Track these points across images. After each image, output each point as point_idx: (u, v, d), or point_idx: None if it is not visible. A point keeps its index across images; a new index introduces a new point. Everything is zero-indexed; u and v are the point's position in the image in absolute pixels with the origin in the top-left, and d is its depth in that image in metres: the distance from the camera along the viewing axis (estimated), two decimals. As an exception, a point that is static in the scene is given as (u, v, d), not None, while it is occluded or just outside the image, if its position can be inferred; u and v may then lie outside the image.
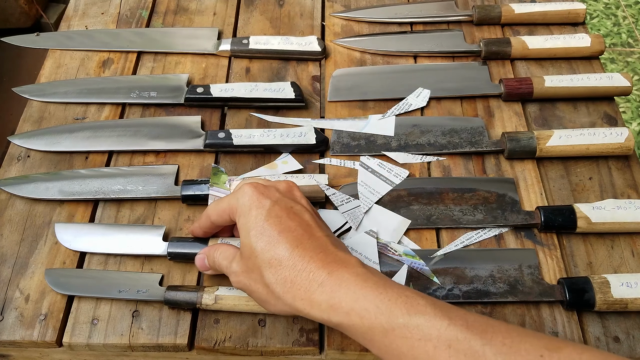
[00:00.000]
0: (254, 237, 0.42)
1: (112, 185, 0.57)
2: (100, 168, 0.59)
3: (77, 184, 0.57)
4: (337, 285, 0.39)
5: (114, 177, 0.58)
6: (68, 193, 0.57)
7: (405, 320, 0.36)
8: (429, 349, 0.35)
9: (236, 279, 0.44)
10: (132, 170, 0.59)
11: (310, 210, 0.45)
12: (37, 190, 0.57)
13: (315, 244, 0.41)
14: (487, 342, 0.34)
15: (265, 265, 0.41)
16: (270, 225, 0.42)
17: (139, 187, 0.57)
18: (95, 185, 0.57)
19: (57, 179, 0.58)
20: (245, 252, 0.43)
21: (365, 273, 0.39)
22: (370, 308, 0.37)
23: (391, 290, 0.38)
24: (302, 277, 0.40)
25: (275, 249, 0.41)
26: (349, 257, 0.41)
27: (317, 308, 0.39)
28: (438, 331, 0.35)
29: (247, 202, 0.43)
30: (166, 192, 0.57)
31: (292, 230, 0.41)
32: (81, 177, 0.58)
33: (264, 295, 0.42)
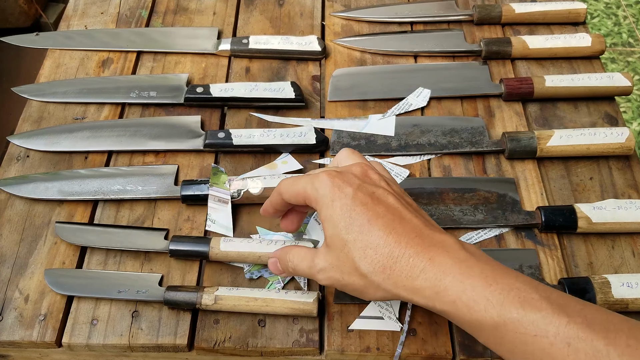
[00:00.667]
0: (344, 228, 0.40)
1: (111, 185, 0.57)
2: (100, 168, 0.59)
3: (76, 184, 0.57)
4: (441, 272, 0.37)
5: (114, 177, 0.58)
6: (67, 193, 0.57)
7: (520, 315, 0.35)
8: (545, 345, 0.34)
9: (325, 275, 0.43)
10: (131, 170, 0.59)
11: (392, 191, 0.43)
12: (36, 190, 0.57)
13: (408, 228, 0.40)
14: (611, 342, 0.33)
15: (360, 255, 0.40)
16: (358, 214, 0.40)
17: (138, 187, 0.57)
18: (95, 185, 0.57)
19: (57, 179, 0.58)
20: (336, 245, 0.41)
21: (469, 258, 0.38)
22: (480, 300, 0.36)
23: (501, 281, 0.36)
24: (401, 264, 0.38)
25: (368, 238, 0.39)
26: (446, 238, 0.39)
27: (420, 295, 0.38)
28: (556, 328, 0.34)
29: (329, 193, 0.41)
30: (166, 192, 0.57)
31: (381, 216, 0.40)
32: (80, 177, 0.58)
33: (360, 286, 0.41)
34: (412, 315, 0.50)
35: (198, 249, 0.52)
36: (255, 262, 0.52)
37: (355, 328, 0.49)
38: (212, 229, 0.55)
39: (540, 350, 0.34)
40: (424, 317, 0.50)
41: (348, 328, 0.49)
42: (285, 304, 0.48)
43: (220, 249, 0.51)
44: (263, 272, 0.52)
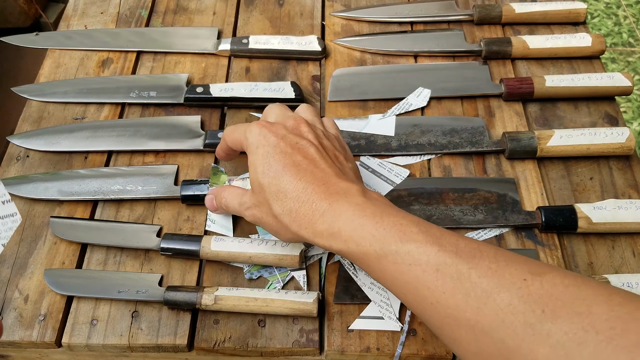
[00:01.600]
0: (261, 172, 0.44)
1: (111, 185, 0.57)
2: (100, 168, 0.59)
3: (76, 184, 0.57)
4: (337, 215, 0.41)
5: (113, 177, 0.58)
6: (67, 193, 0.57)
7: (398, 247, 0.38)
8: (419, 273, 0.37)
9: (250, 212, 0.47)
10: (131, 170, 0.59)
11: (316, 144, 0.46)
12: (36, 190, 0.57)
13: (318, 176, 0.43)
14: (474, 266, 0.36)
15: (273, 198, 0.43)
16: (275, 160, 0.44)
17: (138, 187, 0.57)
18: (95, 185, 0.57)
19: (56, 179, 0.58)
20: (255, 187, 0.45)
21: (364, 202, 0.41)
22: (366, 236, 0.39)
23: (387, 219, 0.40)
24: (305, 208, 0.42)
25: (280, 183, 0.43)
26: (350, 186, 0.43)
27: (319, 236, 0.42)
28: (427, 257, 0.37)
29: (255, 140, 0.45)
30: (165, 192, 0.57)
31: (296, 165, 0.43)
32: (80, 177, 0.58)
33: (275, 226, 0.45)
34: (412, 315, 0.50)
35: (189, 248, 0.52)
36: (246, 262, 0.52)
37: (355, 328, 0.49)
38: (212, 229, 0.55)
39: (414, 278, 0.37)
40: (424, 317, 0.50)
41: (348, 328, 0.49)
42: (285, 304, 0.48)
43: (211, 249, 0.51)
44: (263, 272, 0.52)
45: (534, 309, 0.32)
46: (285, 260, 0.51)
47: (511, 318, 0.33)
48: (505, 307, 0.33)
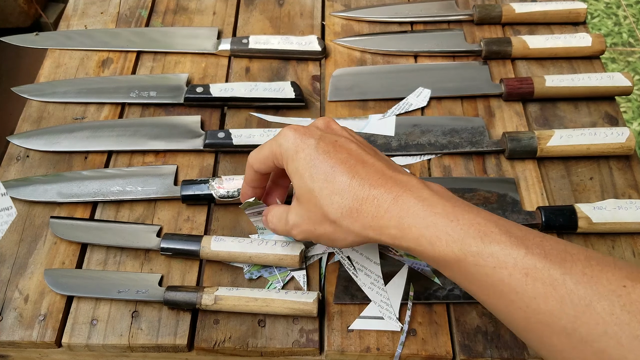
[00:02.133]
0: (309, 177, 0.41)
1: (110, 186, 0.57)
2: (99, 169, 0.59)
3: (75, 185, 0.57)
4: (404, 211, 0.38)
5: (113, 179, 0.58)
6: (67, 195, 0.57)
7: (479, 248, 0.36)
8: (504, 276, 0.35)
9: (298, 230, 0.44)
10: (131, 171, 0.59)
11: (355, 140, 0.44)
12: (35, 192, 0.57)
13: (371, 171, 0.40)
14: (567, 271, 0.33)
15: (327, 202, 0.40)
16: (321, 162, 0.41)
17: (138, 187, 0.57)
18: (94, 186, 0.57)
19: (56, 181, 0.58)
20: (304, 196, 0.42)
21: (431, 196, 0.39)
22: (442, 236, 0.37)
23: (462, 217, 0.37)
24: (367, 205, 0.39)
25: (333, 185, 0.40)
26: (409, 179, 0.40)
27: (386, 234, 0.39)
28: (514, 260, 0.35)
29: (292, 146, 0.42)
30: (165, 192, 0.57)
31: (344, 162, 0.41)
32: (80, 178, 0.58)
33: (332, 233, 0.42)
34: (412, 315, 0.50)
35: (189, 248, 0.52)
36: (246, 262, 0.52)
37: (355, 328, 0.49)
38: (264, 237, 0.54)
39: (500, 281, 0.35)
40: (424, 317, 0.50)
41: (348, 328, 0.49)
42: (285, 304, 0.48)
43: (211, 249, 0.51)
44: (263, 272, 0.52)
45: (639, 319, 0.31)
46: (285, 260, 0.51)
47: (615, 329, 0.31)
48: (608, 316, 0.32)
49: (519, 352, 0.48)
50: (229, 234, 0.54)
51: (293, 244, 0.51)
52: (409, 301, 0.50)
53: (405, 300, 0.50)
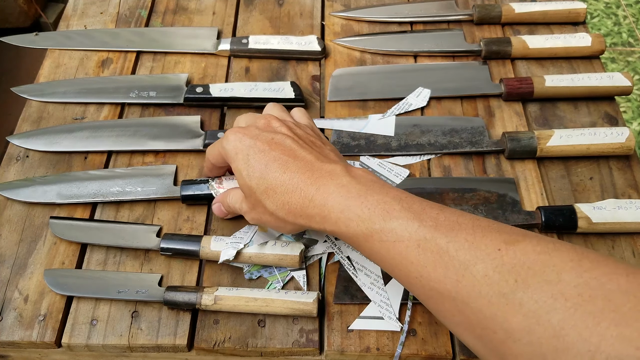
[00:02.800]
0: (247, 176, 0.45)
1: (110, 187, 0.57)
2: (98, 170, 0.59)
3: (75, 186, 0.57)
4: (325, 199, 0.42)
5: (112, 179, 0.58)
6: (66, 196, 0.57)
7: (382, 225, 0.39)
8: (402, 249, 0.38)
9: (249, 216, 0.48)
10: (130, 171, 0.59)
11: (292, 134, 0.47)
12: (34, 194, 0.57)
13: (300, 164, 0.44)
14: (452, 239, 0.37)
15: (264, 196, 0.44)
16: (256, 161, 0.45)
17: (137, 188, 0.57)
18: (94, 187, 0.57)
19: (55, 182, 0.58)
20: (246, 192, 0.46)
21: (350, 182, 0.42)
22: (353, 217, 0.40)
23: (371, 197, 0.40)
24: (295, 198, 0.43)
25: (267, 181, 0.44)
26: (334, 167, 0.43)
27: (313, 221, 0.43)
28: (409, 233, 0.38)
29: (232, 148, 0.46)
30: (165, 192, 0.57)
31: (276, 159, 0.44)
32: (79, 179, 0.58)
33: (274, 222, 0.46)
34: (412, 315, 0.50)
35: (188, 248, 0.52)
36: (246, 262, 0.52)
37: (355, 328, 0.49)
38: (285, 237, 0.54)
39: (399, 254, 0.38)
40: (424, 317, 0.50)
41: (348, 328, 0.49)
42: (285, 304, 0.48)
43: (211, 249, 0.51)
44: (263, 272, 0.52)
45: (507, 279, 0.34)
46: (285, 260, 0.51)
47: (487, 289, 0.34)
48: (482, 278, 0.35)
49: (518, 352, 0.48)
50: (229, 234, 0.54)
51: (293, 244, 0.51)
52: (408, 301, 0.50)
53: (405, 300, 0.50)
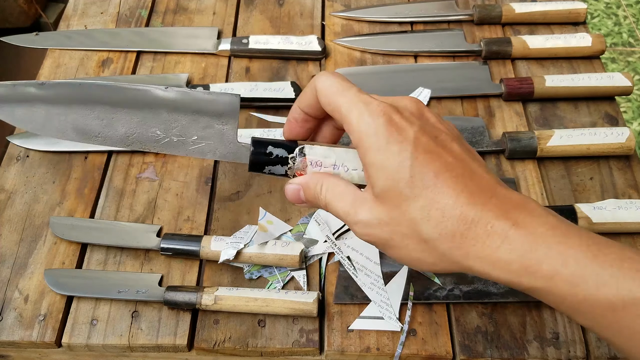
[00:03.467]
0: (403, 181, 0.32)
1: (149, 128, 0.39)
2: (131, 84, 0.40)
3: (97, 122, 0.39)
4: (531, 241, 0.30)
5: (157, 110, 0.39)
6: (87, 134, 0.39)
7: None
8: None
9: (366, 231, 0.34)
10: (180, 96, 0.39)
11: (454, 135, 0.35)
12: (49, 123, 0.39)
13: (481, 185, 0.32)
14: None
15: (423, 216, 0.32)
16: (422, 165, 0.32)
17: (191, 137, 0.40)
18: (124, 127, 0.39)
19: (71, 111, 0.39)
20: (390, 200, 0.33)
21: (560, 224, 0.31)
22: (587, 275, 0.29)
23: (607, 250, 0.29)
24: (476, 231, 0.31)
25: (435, 196, 0.31)
26: (526, 200, 0.32)
27: (501, 269, 0.31)
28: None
29: (384, 132, 0.32)
30: (226, 152, 0.40)
31: (450, 169, 0.32)
32: (103, 104, 0.39)
33: (417, 252, 0.33)
34: (412, 315, 0.50)
35: (189, 248, 0.52)
36: (246, 262, 0.52)
37: (355, 328, 0.49)
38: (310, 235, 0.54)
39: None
40: (424, 317, 0.50)
41: (348, 328, 0.49)
42: (285, 304, 0.48)
43: (211, 249, 0.51)
44: (263, 272, 0.52)
45: None
46: (285, 260, 0.51)
47: None
48: None
49: (519, 352, 0.48)
50: (229, 234, 0.54)
51: (293, 244, 0.51)
52: (409, 301, 0.50)
53: (405, 300, 0.50)
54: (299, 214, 0.56)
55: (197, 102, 0.39)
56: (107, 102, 0.39)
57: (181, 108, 0.39)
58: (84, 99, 0.39)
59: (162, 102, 0.39)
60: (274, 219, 0.55)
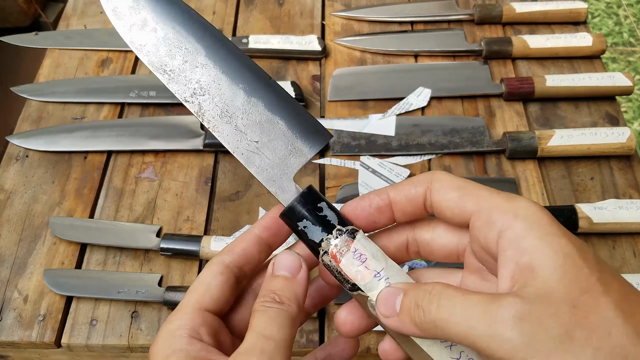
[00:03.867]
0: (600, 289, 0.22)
1: (222, 94, 0.33)
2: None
3: (180, 56, 0.35)
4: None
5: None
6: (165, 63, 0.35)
7: None
8: None
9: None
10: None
11: None
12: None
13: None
14: None
15: None
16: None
17: (252, 137, 0.33)
18: (201, 78, 0.34)
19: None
20: (565, 315, 0.22)
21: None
22: None
23: None
24: None
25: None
26: None
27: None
28: None
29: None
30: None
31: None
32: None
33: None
34: (412, 316, 0.50)
35: (189, 248, 0.52)
36: None
37: (355, 329, 0.49)
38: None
39: None
40: (425, 317, 0.50)
41: (348, 329, 0.49)
42: (285, 305, 0.48)
43: (211, 249, 0.51)
44: (263, 272, 0.52)
45: None
46: (285, 261, 0.51)
47: None
48: None
49: (519, 353, 0.48)
50: (228, 234, 0.54)
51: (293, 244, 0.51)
52: (409, 301, 0.50)
53: (405, 300, 0.50)
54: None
55: (289, 108, 0.33)
56: (200, 45, 0.34)
57: (268, 104, 0.33)
58: (187, 31, 0.35)
59: (254, 80, 0.33)
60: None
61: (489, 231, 0.25)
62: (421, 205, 0.28)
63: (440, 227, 0.29)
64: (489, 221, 0.25)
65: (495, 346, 0.22)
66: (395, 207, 0.29)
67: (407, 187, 0.29)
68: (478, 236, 0.26)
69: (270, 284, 0.28)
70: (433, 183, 0.28)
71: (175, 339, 0.25)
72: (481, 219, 0.26)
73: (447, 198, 0.27)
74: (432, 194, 0.28)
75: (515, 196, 0.26)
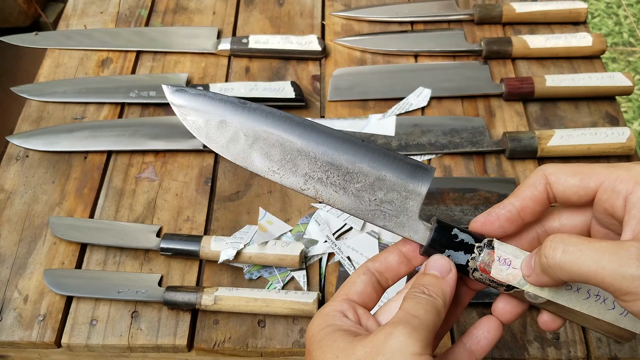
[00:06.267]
0: None
1: (330, 176, 0.35)
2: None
3: (279, 154, 0.37)
4: None
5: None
6: (265, 165, 0.37)
7: None
8: None
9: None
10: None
11: None
12: (233, 145, 0.39)
13: None
14: None
15: None
16: None
17: (372, 197, 0.36)
18: (305, 168, 0.36)
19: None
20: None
21: None
22: None
23: None
24: None
25: None
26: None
27: None
28: None
29: None
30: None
31: None
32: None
33: None
34: (412, 316, 0.50)
35: (188, 248, 0.52)
36: (246, 262, 0.51)
37: (355, 328, 0.49)
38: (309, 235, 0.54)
39: None
40: (425, 317, 0.50)
41: (348, 328, 0.49)
42: (285, 305, 0.48)
43: (211, 249, 0.51)
44: (263, 272, 0.52)
45: None
46: (285, 261, 0.51)
47: None
48: None
49: (519, 352, 0.48)
50: (228, 234, 0.54)
51: (293, 244, 0.51)
52: (409, 301, 0.50)
53: (405, 300, 0.50)
54: (299, 214, 0.56)
55: (388, 159, 0.35)
56: (297, 138, 0.36)
57: (370, 164, 0.35)
58: (276, 128, 0.37)
59: (349, 148, 0.36)
60: (274, 219, 0.55)
61: (616, 199, 0.29)
62: (546, 202, 0.32)
63: (564, 213, 0.33)
64: (614, 191, 0.29)
65: (625, 283, 0.25)
66: (524, 213, 0.32)
67: (529, 191, 0.32)
68: (605, 206, 0.30)
69: (420, 279, 0.32)
70: (549, 177, 0.31)
71: (328, 317, 0.31)
72: (607, 191, 0.29)
73: (570, 185, 0.31)
74: (553, 187, 0.31)
75: (631, 165, 0.30)
